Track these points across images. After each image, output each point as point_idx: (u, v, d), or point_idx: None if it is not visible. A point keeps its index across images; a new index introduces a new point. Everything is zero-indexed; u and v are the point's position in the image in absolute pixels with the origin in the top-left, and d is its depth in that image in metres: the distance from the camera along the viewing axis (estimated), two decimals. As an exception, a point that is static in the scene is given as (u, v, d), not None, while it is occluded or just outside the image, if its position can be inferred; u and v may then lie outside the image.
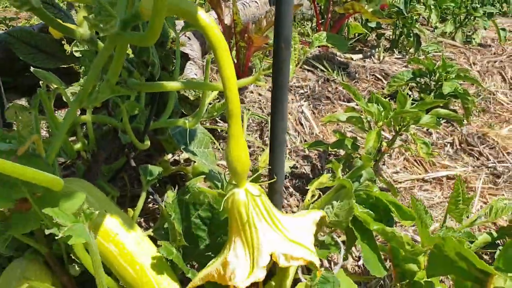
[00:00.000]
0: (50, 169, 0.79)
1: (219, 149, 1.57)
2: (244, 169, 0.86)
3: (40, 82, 1.05)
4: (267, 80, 1.69)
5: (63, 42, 1.39)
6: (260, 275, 0.83)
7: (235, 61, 1.98)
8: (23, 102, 1.60)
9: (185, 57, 1.33)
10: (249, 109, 1.79)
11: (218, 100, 1.65)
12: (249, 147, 1.62)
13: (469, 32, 3.15)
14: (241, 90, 1.96)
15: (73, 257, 0.97)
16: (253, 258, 0.86)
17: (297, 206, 1.44)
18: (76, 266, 0.98)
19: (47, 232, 0.73)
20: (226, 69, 0.80)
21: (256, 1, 2.42)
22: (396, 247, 0.97)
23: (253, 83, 1.10)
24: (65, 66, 1.54)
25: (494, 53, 2.89)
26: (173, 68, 1.02)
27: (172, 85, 1.00)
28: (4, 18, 1.62)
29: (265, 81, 1.77)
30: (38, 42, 1.53)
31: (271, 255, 0.85)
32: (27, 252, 1.00)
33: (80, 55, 1.37)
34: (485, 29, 3.07)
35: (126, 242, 0.97)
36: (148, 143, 1.14)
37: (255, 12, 2.39)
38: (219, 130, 1.68)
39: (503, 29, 3.06)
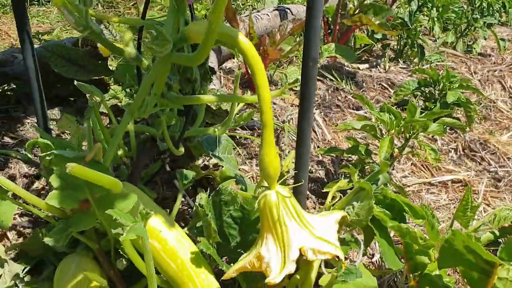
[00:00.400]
0: (110, 173, 0.90)
1: (239, 155, 1.68)
2: (275, 173, 0.97)
3: (88, 96, 1.16)
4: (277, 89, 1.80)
5: (110, 58, 1.50)
6: (291, 268, 0.94)
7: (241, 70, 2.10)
8: (56, 111, 1.71)
9: (212, 71, 1.45)
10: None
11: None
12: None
13: (470, 41, 3.27)
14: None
15: (121, 253, 1.09)
16: (284, 253, 0.97)
17: (314, 208, 1.55)
18: (124, 261, 1.09)
19: (114, 231, 0.84)
20: (262, 86, 0.91)
21: (267, 14, 2.54)
22: (409, 242, 1.08)
23: (279, 96, 1.22)
24: (96, 78, 1.66)
25: (494, 63, 3.01)
26: (210, 83, 1.13)
27: (207, 98, 1.12)
28: (37, 33, 1.73)
29: (289, 94, 1.89)
30: (72, 55, 1.65)
31: (300, 250, 0.96)
32: (78, 249, 1.11)
33: (115, 69, 1.49)
34: (485, 39, 3.19)
35: (168, 238, 1.08)
36: (182, 149, 1.25)
37: (266, 24, 2.50)
38: (237, 137, 1.79)
39: (503, 39, 3.19)
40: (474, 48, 3.18)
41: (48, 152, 0.89)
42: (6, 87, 1.77)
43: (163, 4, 2.55)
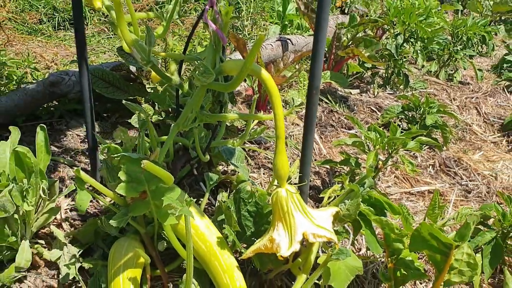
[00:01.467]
0: (165, 170, 1.19)
1: (249, 165, 1.98)
2: (285, 174, 1.27)
3: (137, 112, 1.46)
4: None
5: (147, 82, 1.81)
6: (297, 247, 1.23)
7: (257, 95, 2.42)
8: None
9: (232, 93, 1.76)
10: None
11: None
12: (272, 163, 2.04)
13: (451, 71, 3.62)
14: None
15: (162, 236, 1.38)
16: (291, 236, 1.26)
17: (312, 210, 1.85)
18: (164, 243, 1.38)
19: (169, 211, 1.13)
20: (277, 108, 1.22)
21: (271, 44, 2.87)
22: (388, 232, 1.37)
23: (288, 115, 1.53)
24: (131, 98, 1.96)
25: (472, 90, 3.35)
26: (236, 104, 1.44)
27: (231, 116, 1.43)
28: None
29: (296, 114, 2.20)
30: (110, 78, 1.95)
31: (303, 234, 1.25)
32: (128, 233, 1.41)
33: (152, 91, 1.80)
34: (465, 69, 3.54)
35: (200, 225, 1.38)
36: (208, 157, 1.56)
37: (270, 53, 2.83)
38: (247, 150, 2.09)
39: (480, 70, 3.54)
40: (455, 77, 3.53)
41: (119, 154, 1.18)
42: (50, 104, 2.07)
43: (181, 35, 2.88)
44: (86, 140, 1.97)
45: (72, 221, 1.62)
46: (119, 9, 1.15)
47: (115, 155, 1.21)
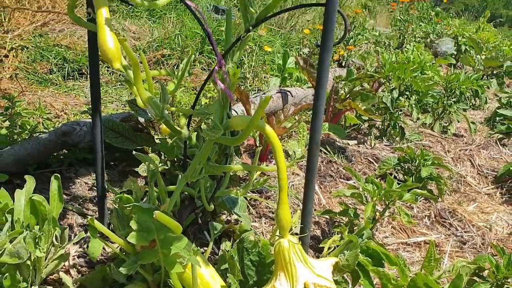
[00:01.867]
0: (174, 220, 1.26)
1: (250, 214, 2.04)
2: (288, 225, 1.34)
3: (146, 163, 1.54)
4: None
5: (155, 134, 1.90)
6: (298, 296, 1.28)
7: (261, 147, 2.51)
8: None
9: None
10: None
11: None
12: (272, 212, 2.10)
13: (446, 123, 3.74)
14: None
15: (169, 284, 1.43)
16: (293, 285, 1.31)
17: (311, 259, 1.90)
18: (170, 290, 1.42)
19: (178, 260, 1.19)
20: (280, 161, 1.30)
21: (272, 96, 2.99)
22: (385, 282, 1.43)
23: (289, 167, 1.61)
24: (139, 147, 2.05)
25: (466, 143, 3.46)
26: (241, 156, 1.53)
27: (236, 167, 1.51)
28: (89, 108, 2.14)
29: (296, 165, 2.27)
30: (120, 129, 2.04)
31: (304, 284, 1.30)
32: (136, 280, 1.45)
33: (160, 142, 1.88)
34: (458, 121, 3.66)
35: (205, 274, 1.43)
36: (212, 206, 1.63)
37: (271, 105, 2.95)
38: (248, 199, 2.16)
39: (473, 122, 3.67)
40: (449, 129, 3.64)
41: (130, 204, 1.25)
42: (60, 152, 2.15)
43: (187, 87, 3.01)
44: (94, 188, 2.05)
45: (79, 267, 1.66)
46: (137, 69, 1.26)
47: (127, 204, 1.28)
